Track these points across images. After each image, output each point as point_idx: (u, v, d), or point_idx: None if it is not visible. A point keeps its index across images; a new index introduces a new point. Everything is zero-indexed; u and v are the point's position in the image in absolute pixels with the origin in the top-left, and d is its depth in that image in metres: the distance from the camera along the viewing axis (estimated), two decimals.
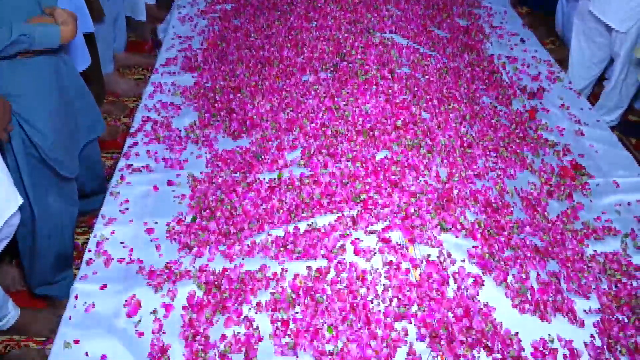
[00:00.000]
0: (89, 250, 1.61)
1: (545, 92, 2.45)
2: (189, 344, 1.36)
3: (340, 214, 1.59)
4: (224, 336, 1.37)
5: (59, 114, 1.64)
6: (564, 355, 1.36)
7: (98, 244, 1.63)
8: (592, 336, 1.41)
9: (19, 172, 1.46)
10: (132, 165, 1.95)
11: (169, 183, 1.86)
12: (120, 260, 1.58)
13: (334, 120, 1.91)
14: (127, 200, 1.79)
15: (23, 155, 1.44)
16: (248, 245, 1.57)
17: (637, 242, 1.72)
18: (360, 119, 1.90)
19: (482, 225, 1.57)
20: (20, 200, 1.28)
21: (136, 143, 2.07)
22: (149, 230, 1.67)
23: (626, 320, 1.47)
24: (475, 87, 2.31)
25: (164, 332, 1.39)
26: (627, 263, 1.65)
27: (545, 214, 1.74)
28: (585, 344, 1.39)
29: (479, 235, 1.54)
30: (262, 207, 1.68)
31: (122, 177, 1.89)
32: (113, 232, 1.67)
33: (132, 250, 1.61)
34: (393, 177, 1.69)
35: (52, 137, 1.56)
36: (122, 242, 1.64)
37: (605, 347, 1.40)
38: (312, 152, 1.86)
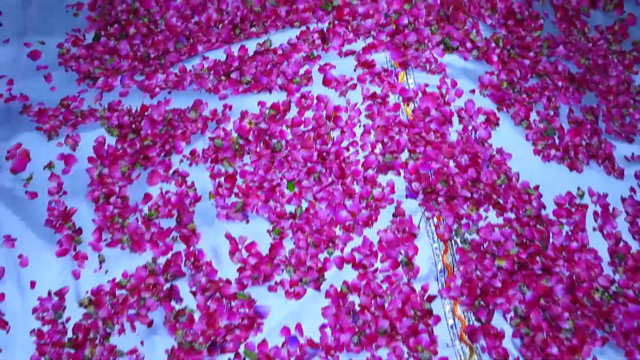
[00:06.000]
0: None
1: None
2: (100, 206, 1.22)
3: (304, 28, 1.41)
4: (147, 196, 1.23)
5: None
6: (595, 213, 1.25)
7: None
8: (632, 189, 1.30)
9: None
10: None
11: None
12: None
13: None
14: None
15: None
16: (176, 74, 1.38)
17: None
18: None
19: (501, 44, 1.40)
20: None
21: None
22: (34, 54, 1.42)
23: None
24: None
25: (64, 193, 1.24)
26: None
27: (585, 29, 1.55)
28: (623, 199, 1.28)
29: (495, 57, 1.39)
30: (193, 20, 1.47)
31: None
32: None
33: (11, 82, 1.37)
34: None
35: None
36: None
37: None
38: None
